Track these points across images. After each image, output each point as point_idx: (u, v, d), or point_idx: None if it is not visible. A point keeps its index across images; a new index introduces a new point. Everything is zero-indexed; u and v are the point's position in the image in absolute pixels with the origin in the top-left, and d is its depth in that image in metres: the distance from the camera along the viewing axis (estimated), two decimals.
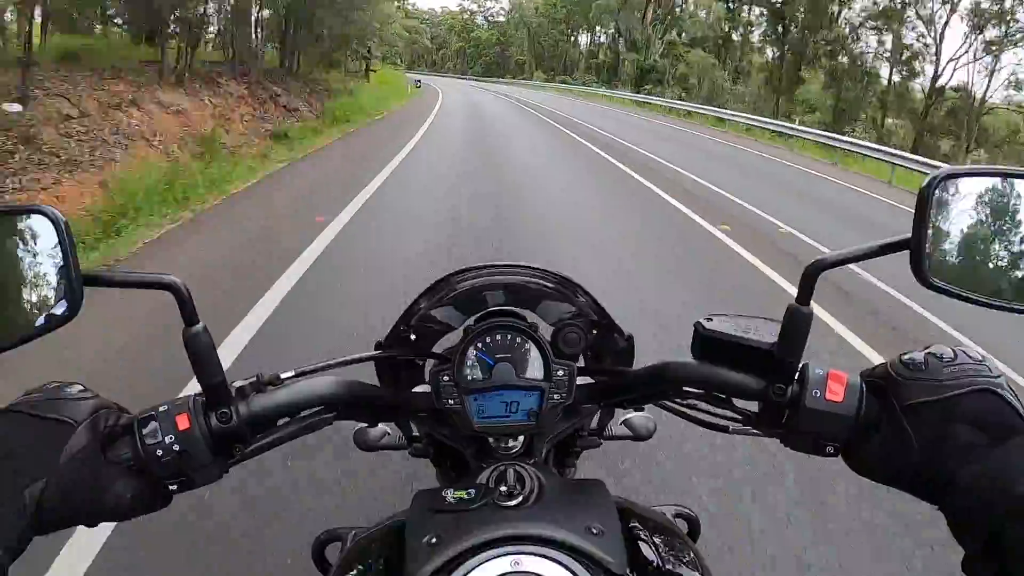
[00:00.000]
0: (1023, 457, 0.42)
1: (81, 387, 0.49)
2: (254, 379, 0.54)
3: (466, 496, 0.52)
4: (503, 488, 0.53)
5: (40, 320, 0.46)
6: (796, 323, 0.50)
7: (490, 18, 71.18)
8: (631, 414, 0.78)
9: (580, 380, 0.64)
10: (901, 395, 0.47)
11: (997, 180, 0.49)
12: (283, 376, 0.56)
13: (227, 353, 2.81)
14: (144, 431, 0.48)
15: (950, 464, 0.44)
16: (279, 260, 4.09)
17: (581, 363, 0.66)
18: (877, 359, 3.51)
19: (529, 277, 0.66)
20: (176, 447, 0.48)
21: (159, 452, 0.47)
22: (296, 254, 4.23)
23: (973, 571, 0.43)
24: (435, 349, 0.67)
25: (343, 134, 11.22)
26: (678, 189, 8.04)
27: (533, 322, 0.64)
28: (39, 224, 0.46)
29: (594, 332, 0.65)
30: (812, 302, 0.50)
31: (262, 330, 3.11)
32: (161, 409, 0.49)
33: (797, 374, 0.51)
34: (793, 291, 0.51)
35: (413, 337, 0.66)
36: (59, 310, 0.46)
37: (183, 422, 0.48)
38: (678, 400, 0.61)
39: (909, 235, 0.47)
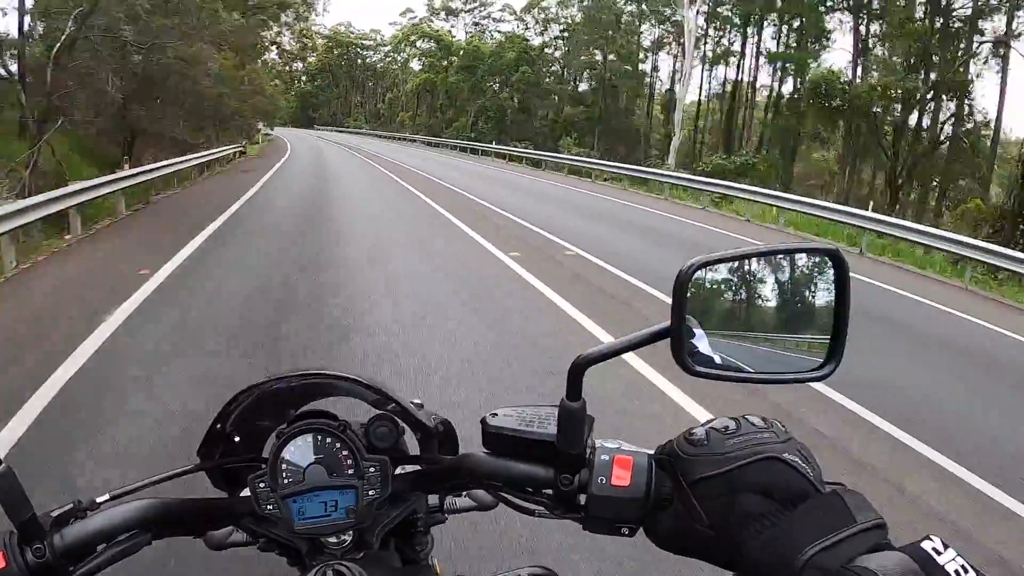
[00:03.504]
0: (806, 524, 0.43)
1: None
2: (70, 506, 0.55)
3: None
4: None
5: None
6: (569, 418, 0.53)
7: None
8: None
9: (403, 469, 0.65)
10: (687, 471, 0.48)
11: (743, 262, 0.53)
12: (99, 500, 0.57)
13: None
14: None
15: (740, 534, 0.45)
16: None
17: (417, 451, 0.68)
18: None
19: (339, 381, 0.67)
20: None
21: None
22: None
23: None
24: (265, 447, 0.68)
25: None
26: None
27: (344, 421, 0.65)
28: None
29: (407, 423, 0.67)
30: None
31: None
32: None
33: (585, 459, 0.53)
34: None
35: (236, 439, 0.67)
36: None
37: None
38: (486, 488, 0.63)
39: (668, 324, 0.50)
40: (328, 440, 0.63)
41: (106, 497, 0.58)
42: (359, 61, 72.05)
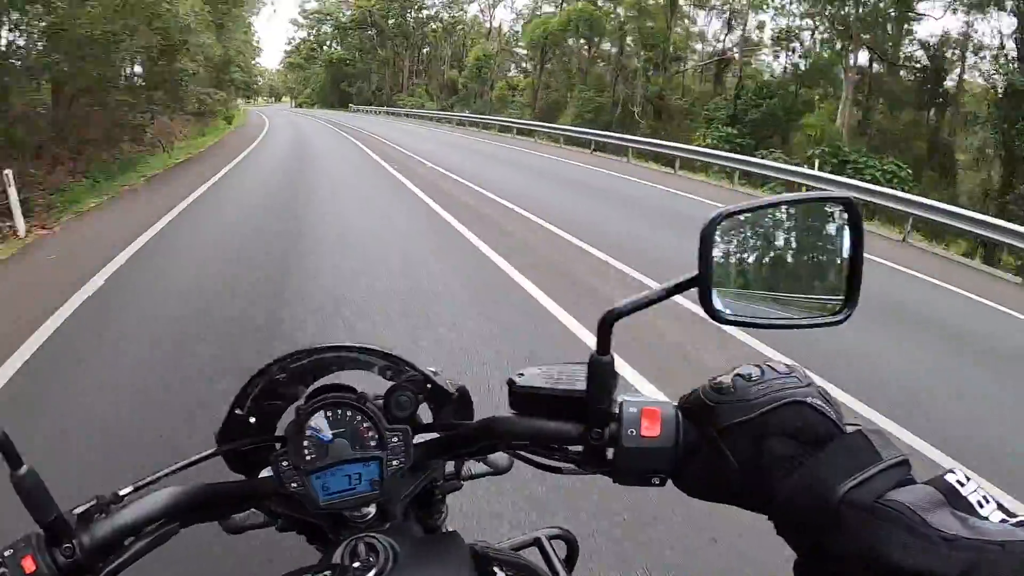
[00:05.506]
0: (833, 465, 0.44)
1: None
2: (93, 502, 0.55)
3: None
4: (356, 564, 0.55)
5: None
6: (599, 372, 0.53)
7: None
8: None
9: (422, 438, 0.66)
10: (714, 419, 0.49)
11: (768, 212, 0.54)
12: (122, 493, 0.57)
13: None
14: None
15: (770, 477, 0.46)
16: None
17: (430, 419, 0.68)
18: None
19: (351, 353, 0.68)
20: None
21: None
22: None
23: (802, 574, 0.45)
24: (280, 425, 0.67)
25: None
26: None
27: (362, 393, 0.64)
28: None
29: (428, 389, 0.67)
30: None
31: None
32: (7, 554, 0.49)
33: (614, 414, 0.54)
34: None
35: (252, 420, 0.66)
36: None
37: (29, 565, 0.49)
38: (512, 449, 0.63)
39: (696, 273, 0.51)
40: (348, 413, 0.63)
41: (129, 489, 0.58)
42: (413, 13, 49.24)
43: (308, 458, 0.61)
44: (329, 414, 0.63)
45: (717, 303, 0.51)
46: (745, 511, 0.50)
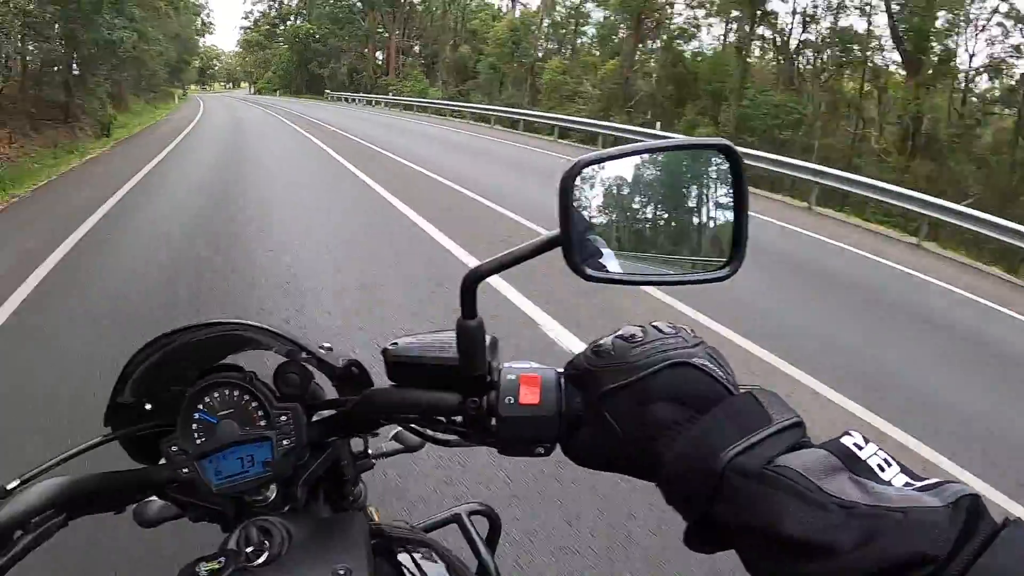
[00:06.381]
0: (722, 427, 0.41)
1: None
2: None
3: (218, 566, 0.52)
4: (250, 549, 0.54)
5: None
6: (468, 337, 0.51)
7: None
8: (396, 428, 0.79)
9: (320, 415, 0.64)
10: (596, 384, 0.46)
11: (629, 160, 0.50)
12: (9, 487, 0.55)
13: None
14: None
15: (655, 444, 0.44)
16: None
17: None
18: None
19: (231, 331, 0.65)
20: None
21: None
22: None
23: (692, 544, 0.43)
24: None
25: None
26: None
27: (250, 372, 0.63)
28: None
29: (317, 363, 0.65)
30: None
31: None
32: None
33: (491, 382, 0.52)
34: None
35: (149, 407, 0.65)
36: None
37: None
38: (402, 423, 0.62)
39: (558, 232, 0.47)
40: (236, 393, 0.61)
41: (16, 483, 0.56)
42: None
43: (198, 441, 0.60)
44: (216, 394, 0.61)
45: (584, 260, 0.48)
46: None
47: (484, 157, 13.30)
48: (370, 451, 0.75)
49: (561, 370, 0.51)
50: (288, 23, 49.52)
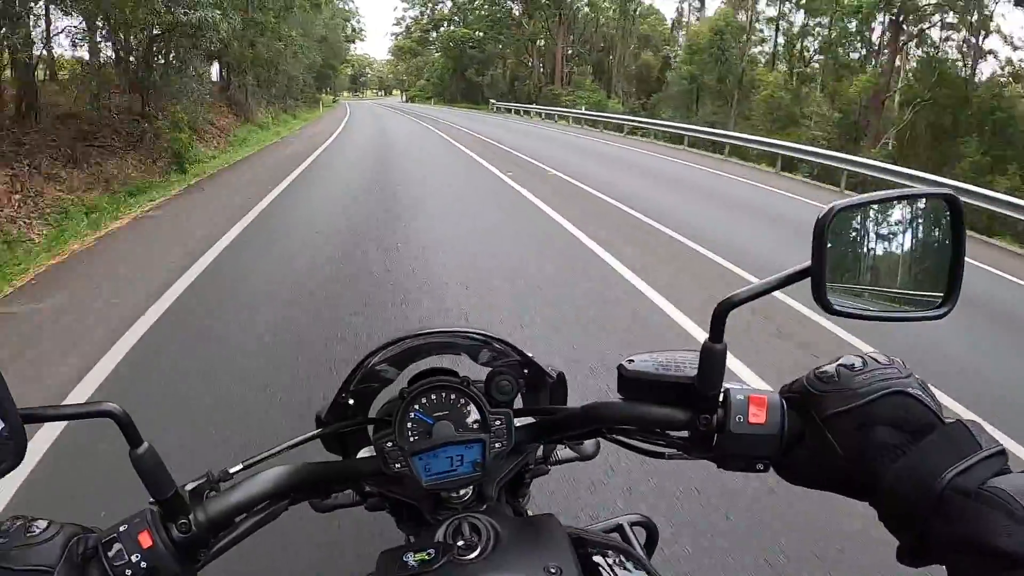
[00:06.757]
0: (937, 453, 0.45)
1: (45, 522, 0.48)
2: (204, 479, 0.56)
3: (427, 557, 0.55)
4: (460, 543, 0.57)
5: None
6: (711, 360, 0.54)
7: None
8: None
9: (520, 421, 0.67)
10: (819, 408, 0.50)
11: (881, 206, 0.55)
12: (232, 471, 0.59)
13: None
14: (110, 554, 0.49)
15: (874, 465, 0.47)
16: None
17: (520, 404, 0.70)
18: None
19: (452, 338, 0.70)
20: (143, 564, 0.49)
21: (128, 572, 0.49)
22: None
23: (904, 559, 0.46)
24: (373, 406, 0.71)
25: None
26: None
27: (465, 376, 0.66)
28: None
29: (525, 374, 0.69)
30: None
31: None
32: (122, 529, 0.50)
33: (720, 401, 0.55)
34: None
35: (351, 402, 0.69)
36: (5, 457, 0.44)
37: (146, 540, 0.50)
38: (613, 434, 0.64)
39: (809, 264, 0.52)
40: (452, 396, 0.64)
41: (239, 467, 0.60)
42: None
43: (412, 439, 0.63)
44: (433, 397, 0.64)
45: (828, 295, 0.52)
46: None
47: (718, 200, 9.33)
48: (550, 458, 0.77)
49: (779, 392, 0.55)
50: (441, 29, 46.45)
